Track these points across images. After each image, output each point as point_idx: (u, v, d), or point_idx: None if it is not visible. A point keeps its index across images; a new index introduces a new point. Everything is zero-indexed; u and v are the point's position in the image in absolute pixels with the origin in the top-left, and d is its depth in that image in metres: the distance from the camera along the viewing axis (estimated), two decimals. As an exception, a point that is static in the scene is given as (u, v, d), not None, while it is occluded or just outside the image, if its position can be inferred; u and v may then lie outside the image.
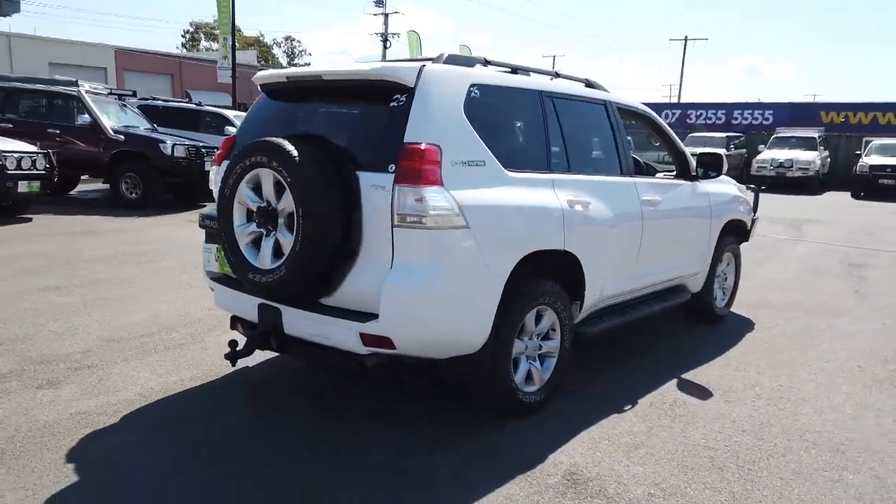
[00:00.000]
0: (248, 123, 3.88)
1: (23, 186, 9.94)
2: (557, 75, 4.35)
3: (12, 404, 3.70)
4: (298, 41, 78.98)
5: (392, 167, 3.11)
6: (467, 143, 3.32)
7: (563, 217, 3.72)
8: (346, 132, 3.51)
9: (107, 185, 12.63)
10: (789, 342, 5.39)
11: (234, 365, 3.62)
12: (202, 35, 66.50)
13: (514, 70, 3.98)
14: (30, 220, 10.22)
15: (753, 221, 6.14)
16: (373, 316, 3.16)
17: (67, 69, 34.10)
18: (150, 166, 11.69)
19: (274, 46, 70.82)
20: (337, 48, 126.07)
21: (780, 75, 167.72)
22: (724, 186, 5.70)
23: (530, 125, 3.83)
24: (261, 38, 68.49)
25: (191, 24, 68.19)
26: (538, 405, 3.79)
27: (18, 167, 9.85)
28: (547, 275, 3.83)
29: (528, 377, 3.78)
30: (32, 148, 10.27)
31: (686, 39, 49.49)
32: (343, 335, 3.24)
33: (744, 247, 6.19)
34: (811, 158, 21.37)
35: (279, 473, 3.09)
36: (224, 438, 3.42)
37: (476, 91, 3.46)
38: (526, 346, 3.72)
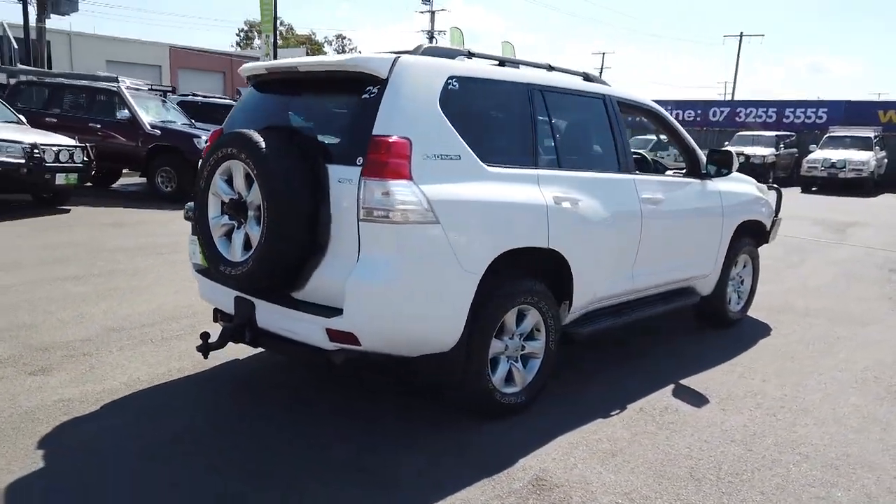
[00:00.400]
0: (235, 115, 3.88)
1: (60, 178, 10.24)
2: (551, 68, 4.23)
3: (0, 390, 3.79)
4: (349, 39, 79.48)
5: (360, 160, 3.06)
6: (441, 136, 3.24)
7: (548, 214, 3.61)
8: (321, 124, 3.48)
9: (145, 179, 12.96)
10: (805, 349, 5.14)
11: (206, 357, 3.62)
12: (256, 33, 67.76)
13: (502, 63, 3.88)
14: (68, 211, 10.55)
15: (774, 222, 5.89)
16: (340, 311, 3.12)
17: (124, 67, 35.23)
18: (184, 160, 11.93)
19: (325, 44, 71.71)
20: (387, 46, 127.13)
21: (844, 73, 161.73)
22: (740, 185, 5.47)
23: (516, 119, 3.73)
24: (312, 36, 69.48)
25: (245, 23, 69.63)
26: (519, 407, 3.69)
27: (56, 160, 10.14)
28: (532, 273, 3.73)
29: (510, 378, 3.69)
30: (70, 141, 10.57)
31: (741, 36, 48.13)
32: (311, 330, 3.21)
33: (776, 249, 5.92)
34: (865, 159, 20.49)
35: (259, 468, 3.07)
36: (202, 431, 3.42)
37: (455, 83, 3.38)
38: (506, 346, 3.63)
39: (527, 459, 3.26)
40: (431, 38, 41.46)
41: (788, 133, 24.64)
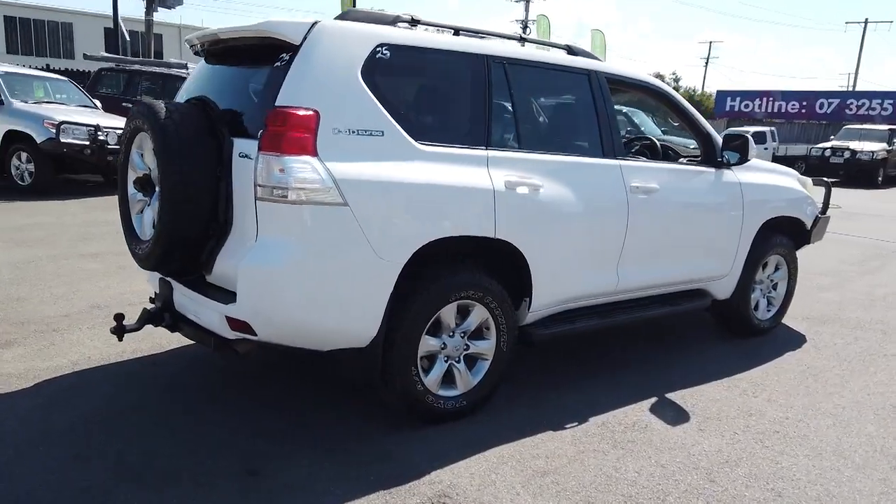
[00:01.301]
0: (184, 87, 3.73)
1: (122, 160, 10.61)
2: (523, 40, 3.81)
3: (-49, 361, 3.82)
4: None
5: (261, 133, 2.81)
6: (360, 109, 2.93)
7: (495, 200, 3.23)
8: (235, 95, 3.25)
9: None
10: (836, 367, 4.47)
11: (120, 339, 3.48)
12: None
13: (457, 32, 3.52)
14: (131, 192, 10.94)
15: (818, 221, 5.17)
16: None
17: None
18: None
19: (425, 35, 72.00)
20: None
21: None
22: (771, 177, 4.82)
23: (465, 94, 3.36)
24: (412, 27, 70.14)
25: (348, 15, 71.19)
26: (458, 412, 3.35)
27: (119, 143, 10.52)
28: (481, 265, 3.37)
29: (450, 380, 3.35)
30: (133, 125, 10.94)
31: (866, 22, 44.45)
32: (213, 317, 3.00)
33: (854, 253, 5.20)
34: None
35: (141, 462, 2.90)
36: (106, 418, 3.24)
37: (385, 52, 3.06)
38: (443, 345, 3.28)
39: (441, 472, 2.91)
40: (525, 27, 40.78)
41: (906, 127, 22.42)
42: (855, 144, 20.00)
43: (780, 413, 3.69)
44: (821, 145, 21.08)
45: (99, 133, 10.20)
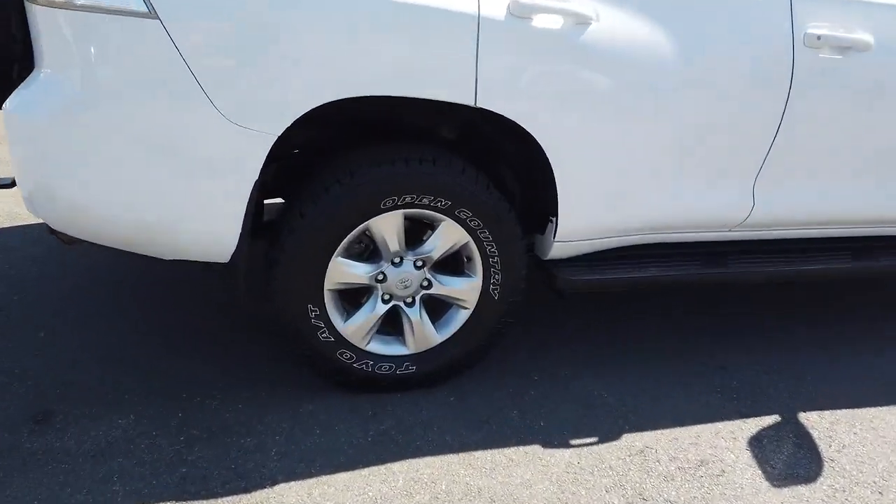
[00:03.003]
0: None
1: None
2: None
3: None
4: None
5: None
6: None
7: (479, 35, 1.76)
8: None
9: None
10: None
11: None
12: None
13: None
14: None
15: None
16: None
17: None
18: None
19: None
20: None
21: None
22: None
23: None
24: None
25: None
26: (400, 381, 2.12)
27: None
28: (459, 154, 1.99)
29: (396, 331, 2.11)
30: None
31: None
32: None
33: None
34: None
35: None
36: (31, 303, 2.58)
37: None
38: (382, 276, 2.01)
39: (294, 486, 1.77)
40: None
41: None
42: None
43: None
44: None
45: None
